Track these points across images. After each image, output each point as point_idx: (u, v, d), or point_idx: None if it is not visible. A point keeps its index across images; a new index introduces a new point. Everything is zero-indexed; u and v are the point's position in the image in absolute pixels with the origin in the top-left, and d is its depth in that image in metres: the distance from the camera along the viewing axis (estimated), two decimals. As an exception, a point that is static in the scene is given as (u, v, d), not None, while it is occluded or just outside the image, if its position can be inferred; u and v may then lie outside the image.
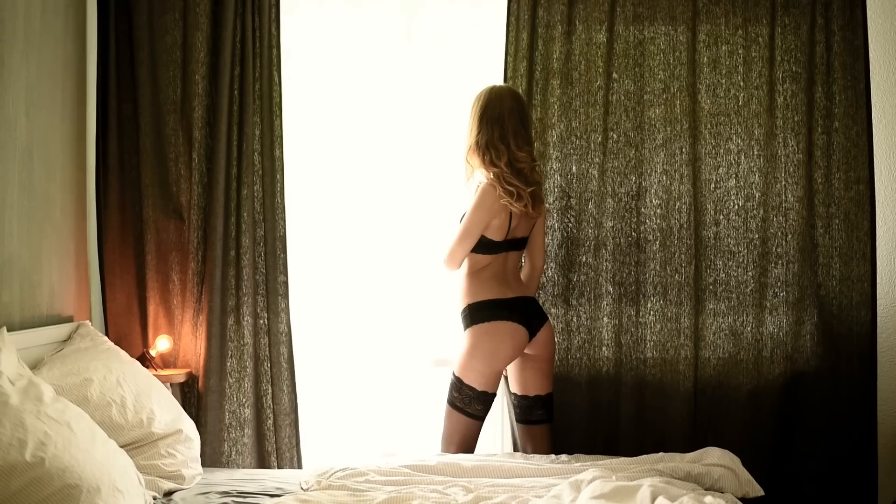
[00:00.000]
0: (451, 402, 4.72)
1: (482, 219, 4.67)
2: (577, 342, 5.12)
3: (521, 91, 5.04)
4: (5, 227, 4.13)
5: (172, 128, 5.15)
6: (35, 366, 4.06)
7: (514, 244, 4.79)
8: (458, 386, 4.69)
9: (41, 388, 3.56)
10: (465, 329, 4.76)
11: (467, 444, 4.75)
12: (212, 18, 5.13)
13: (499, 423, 5.40)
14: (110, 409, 3.98)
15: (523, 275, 4.96)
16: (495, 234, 4.71)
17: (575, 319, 5.13)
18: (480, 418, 4.76)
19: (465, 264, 4.76)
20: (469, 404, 4.69)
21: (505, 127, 4.71)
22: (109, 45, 5.12)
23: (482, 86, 4.87)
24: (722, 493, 3.84)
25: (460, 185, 4.89)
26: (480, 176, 4.78)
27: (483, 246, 4.73)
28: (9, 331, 3.86)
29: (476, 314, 4.72)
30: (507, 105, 4.74)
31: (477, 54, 5.43)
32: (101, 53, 5.13)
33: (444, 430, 4.78)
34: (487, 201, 4.67)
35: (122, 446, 3.78)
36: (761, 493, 3.96)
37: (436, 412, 5.22)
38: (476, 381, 4.68)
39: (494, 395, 4.75)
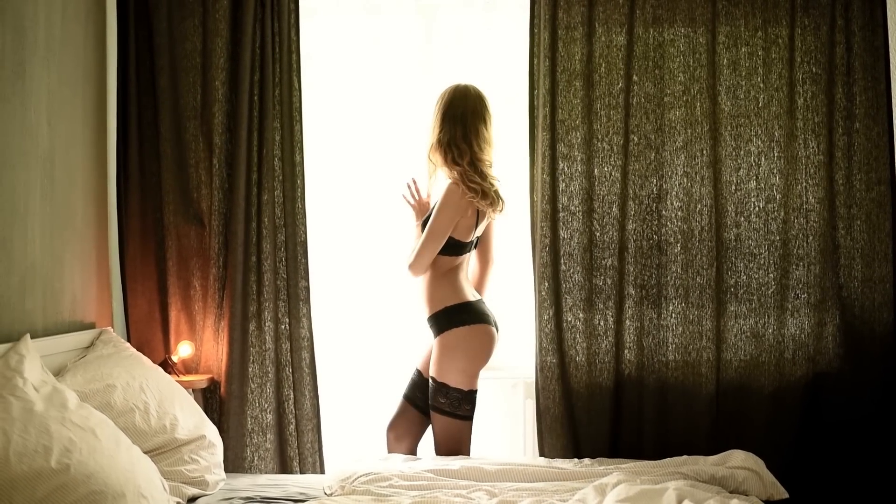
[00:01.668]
0: (439, 409, 4.72)
1: (451, 218, 4.70)
2: (605, 346, 5.11)
3: (544, 91, 5.05)
4: (28, 234, 4.13)
5: (193, 134, 5.15)
6: (58, 372, 4.06)
7: (475, 245, 4.88)
8: (444, 391, 4.70)
9: (65, 394, 3.57)
10: (440, 332, 4.76)
11: (464, 446, 4.77)
12: (231, 24, 5.13)
13: (520, 427, 5.40)
14: (133, 415, 3.98)
15: (476, 275, 5.02)
16: (463, 235, 4.76)
17: (602, 323, 5.12)
18: (471, 418, 4.78)
19: (429, 267, 4.79)
20: (458, 406, 4.71)
21: (468, 126, 4.77)
22: (129, 52, 5.12)
23: (501, 88, 4.88)
24: (746, 495, 3.84)
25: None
26: (443, 176, 4.84)
27: (451, 247, 4.76)
28: (32, 338, 3.86)
29: (455, 317, 4.74)
30: (471, 105, 4.79)
31: (495, 57, 5.44)
32: (122, 60, 5.13)
33: (437, 438, 4.78)
34: (453, 200, 4.70)
35: (145, 452, 3.78)
36: (785, 495, 3.96)
37: (480, 416, 5.23)
38: (462, 382, 4.71)
39: (477, 390, 4.79)
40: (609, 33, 5.13)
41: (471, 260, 4.98)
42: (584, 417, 5.09)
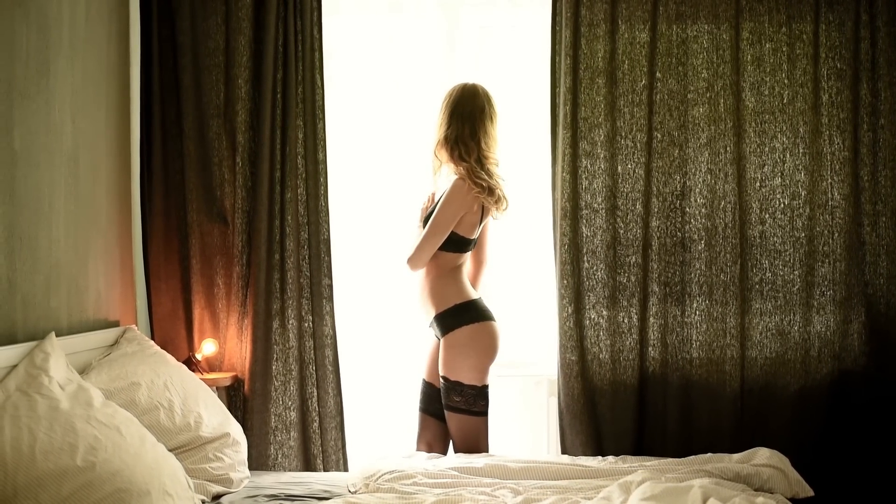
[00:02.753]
0: (455, 408, 4.72)
1: (455, 213, 4.72)
2: (629, 343, 5.10)
3: (565, 89, 5.05)
4: (53, 232, 4.14)
5: (216, 132, 5.16)
6: (83, 370, 4.08)
7: (476, 242, 4.89)
8: (458, 389, 4.70)
9: (90, 392, 3.58)
10: (448, 331, 4.77)
11: (482, 443, 4.78)
12: (254, 22, 5.13)
13: (543, 424, 5.40)
14: (158, 412, 3.99)
15: (470, 275, 5.02)
16: (468, 231, 4.78)
17: (626, 320, 5.11)
18: (486, 414, 4.79)
19: (432, 265, 4.79)
20: (474, 403, 4.72)
21: (476, 124, 4.80)
22: (152, 51, 5.13)
23: (522, 86, 4.88)
24: (771, 493, 3.83)
25: (508, 184, 4.89)
26: (449, 173, 4.87)
27: (455, 243, 4.77)
28: (57, 336, 3.87)
29: (463, 315, 4.76)
30: (480, 103, 4.82)
31: (518, 55, 5.44)
32: (145, 59, 5.14)
33: (455, 437, 4.79)
34: (459, 195, 4.72)
35: (170, 450, 3.78)
36: (811, 493, 3.95)
37: (502, 413, 5.26)
38: (475, 379, 4.72)
39: (489, 386, 4.80)
40: (632, 30, 5.11)
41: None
42: (607, 415, 5.08)
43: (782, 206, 5.09)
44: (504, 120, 4.94)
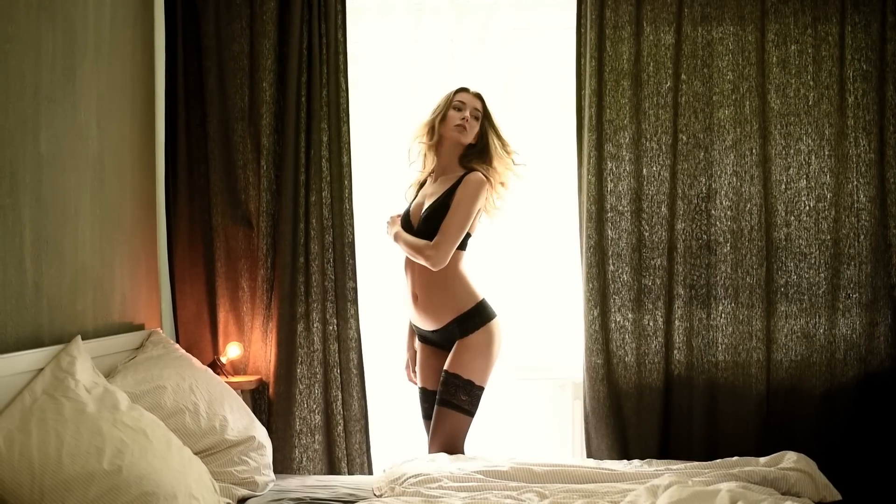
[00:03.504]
0: (458, 406, 4.65)
1: (476, 211, 4.72)
2: (654, 346, 5.08)
3: (590, 91, 5.07)
4: (79, 236, 4.15)
5: (240, 135, 5.17)
6: (109, 373, 4.08)
7: None
8: (468, 389, 4.66)
9: (116, 395, 3.59)
10: (467, 334, 4.71)
11: (463, 443, 4.73)
12: (278, 26, 5.14)
13: (568, 427, 5.39)
14: (184, 416, 4.00)
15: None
16: (473, 228, 4.78)
17: (651, 323, 5.10)
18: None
19: (450, 262, 4.72)
20: (475, 404, 4.70)
21: (497, 128, 4.86)
22: (177, 55, 5.15)
23: (547, 89, 4.87)
24: (799, 497, 3.80)
25: (533, 187, 4.90)
26: (452, 168, 4.86)
27: (464, 241, 4.76)
28: (83, 339, 3.87)
29: (481, 315, 4.74)
30: (490, 111, 4.87)
31: (543, 58, 5.43)
32: (170, 63, 5.16)
33: (443, 435, 4.69)
34: (482, 193, 4.71)
35: (195, 453, 3.80)
36: (838, 497, 3.93)
37: (511, 418, 5.24)
38: (484, 379, 4.73)
39: None
40: (657, 32, 5.10)
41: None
42: (632, 418, 5.07)
43: (808, 208, 5.08)
44: (529, 123, 4.95)
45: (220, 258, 5.19)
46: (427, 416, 4.91)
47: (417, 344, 4.97)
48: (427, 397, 4.91)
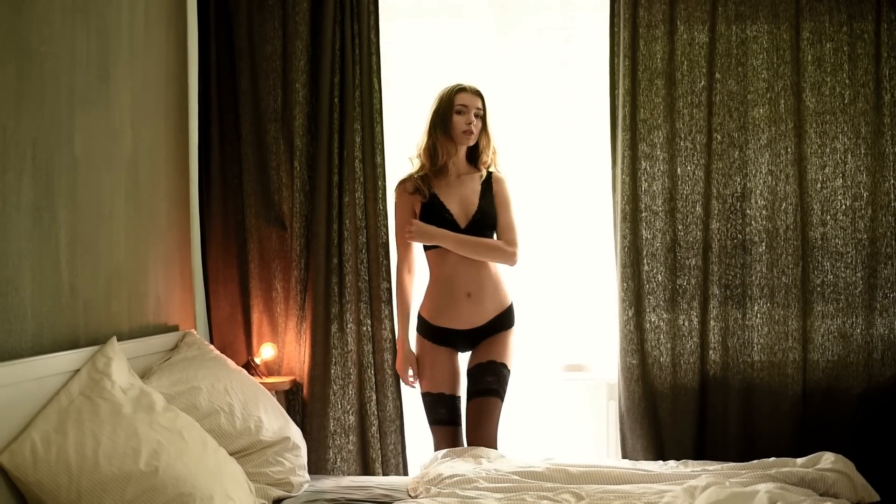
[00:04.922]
0: (502, 396, 4.77)
1: None
2: (689, 346, 5.06)
3: (624, 91, 5.05)
4: (113, 237, 4.16)
5: (273, 136, 5.18)
6: (144, 374, 4.09)
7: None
8: (508, 378, 4.82)
9: (152, 396, 3.60)
10: (510, 326, 4.86)
11: None
12: (311, 26, 5.14)
13: (603, 428, 5.37)
14: (219, 417, 4.00)
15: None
16: None
17: (686, 324, 5.07)
18: None
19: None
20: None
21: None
22: (210, 56, 5.17)
23: (581, 89, 4.87)
24: (837, 498, 3.77)
25: (567, 188, 4.90)
26: (468, 170, 4.94)
27: None
28: (118, 340, 3.88)
29: (513, 308, 4.91)
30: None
31: (576, 58, 5.42)
32: (203, 64, 5.17)
33: (493, 427, 4.73)
34: None
35: (230, 454, 3.81)
36: (877, 498, 3.89)
37: (546, 419, 5.23)
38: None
39: None
40: (691, 31, 5.08)
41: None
42: (668, 419, 5.05)
43: (844, 207, 5.04)
44: (563, 123, 4.96)
45: (253, 259, 5.20)
46: (443, 421, 4.86)
47: (428, 347, 4.93)
48: (446, 402, 4.86)
